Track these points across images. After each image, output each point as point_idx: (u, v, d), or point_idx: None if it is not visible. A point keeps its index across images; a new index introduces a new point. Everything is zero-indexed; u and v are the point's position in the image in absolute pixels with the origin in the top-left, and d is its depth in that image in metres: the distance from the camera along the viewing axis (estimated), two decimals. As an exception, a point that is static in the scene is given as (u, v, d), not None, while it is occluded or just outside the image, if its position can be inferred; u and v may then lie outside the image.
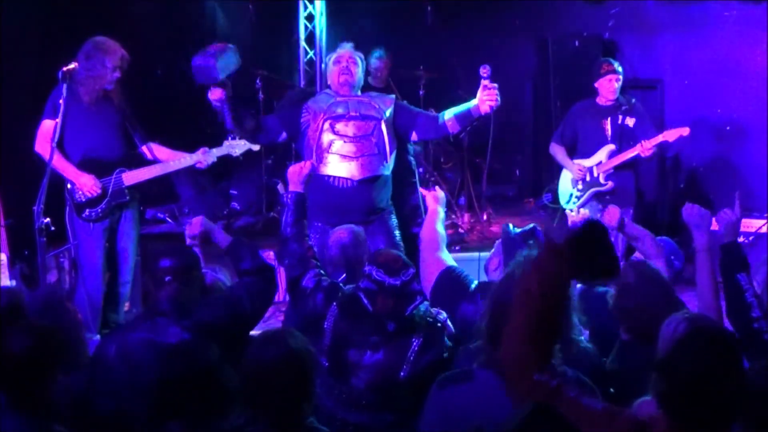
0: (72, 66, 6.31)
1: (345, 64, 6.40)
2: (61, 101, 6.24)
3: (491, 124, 6.33)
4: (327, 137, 6.27)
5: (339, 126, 6.28)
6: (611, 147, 7.78)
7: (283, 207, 5.00)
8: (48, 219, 5.81)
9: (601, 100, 7.88)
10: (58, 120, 6.30)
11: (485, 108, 6.13)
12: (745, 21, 9.77)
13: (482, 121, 6.35)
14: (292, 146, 9.42)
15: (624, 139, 7.77)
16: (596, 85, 7.88)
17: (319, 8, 10.78)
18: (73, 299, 6.33)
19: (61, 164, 6.55)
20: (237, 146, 6.94)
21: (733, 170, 9.65)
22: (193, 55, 6.10)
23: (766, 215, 7.99)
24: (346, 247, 5.31)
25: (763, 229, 7.59)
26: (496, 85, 6.11)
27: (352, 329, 4.32)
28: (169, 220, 9.85)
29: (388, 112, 6.40)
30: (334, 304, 4.41)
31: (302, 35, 10.85)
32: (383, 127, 6.33)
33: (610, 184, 7.77)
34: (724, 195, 7.74)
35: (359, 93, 6.51)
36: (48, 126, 6.46)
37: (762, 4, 9.58)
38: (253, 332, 4.62)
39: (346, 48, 6.48)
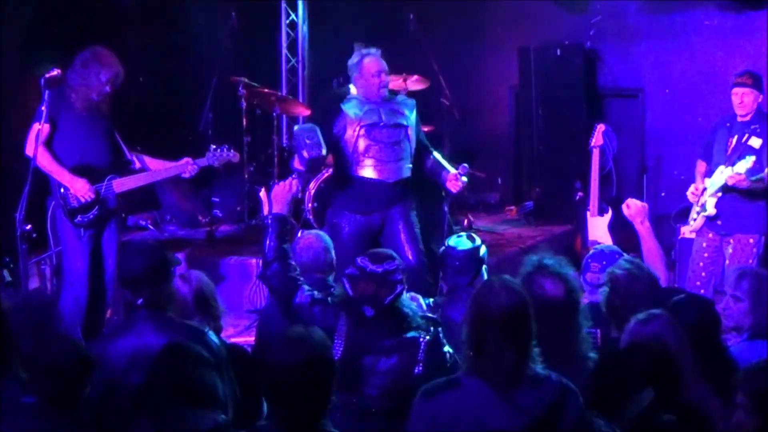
0: (54, 72, 6.31)
1: (386, 78, 6.88)
2: (43, 108, 6.24)
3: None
4: (363, 143, 6.80)
5: (374, 132, 6.79)
6: (722, 169, 7.07)
7: (264, 229, 4.99)
8: (30, 226, 5.79)
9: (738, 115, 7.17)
10: (40, 126, 6.31)
11: (453, 190, 6.82)
12: (725, 30, 9.84)
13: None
14: (274, 154, 9.48)
15: (740, 160, 6.99)
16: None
17: (302, 16, 10.80)
18: (57, 305, 6.32)
19: (55, 168, 6.55)
20: (218, 158, 7.04)
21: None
22: None
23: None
24: (318, 252, 5.46)
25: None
26: (465, 180, 6.74)
27: (365, 336, 4.40)
28: (151, 227, 9.83)
29: (412, 117, 6.94)
30: (342, 314, 4.47)
31: (284, 43, 10.86)
32: (410, 132, 6.90)
33: (713, 211, 7.12)
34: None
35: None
36: (36, 129, 6.46)
37: (742, 14, 9.67)
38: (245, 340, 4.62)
39: (377, 57, 6.85)
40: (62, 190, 6.62)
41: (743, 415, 3.44)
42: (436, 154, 7.03)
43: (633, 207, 5.44)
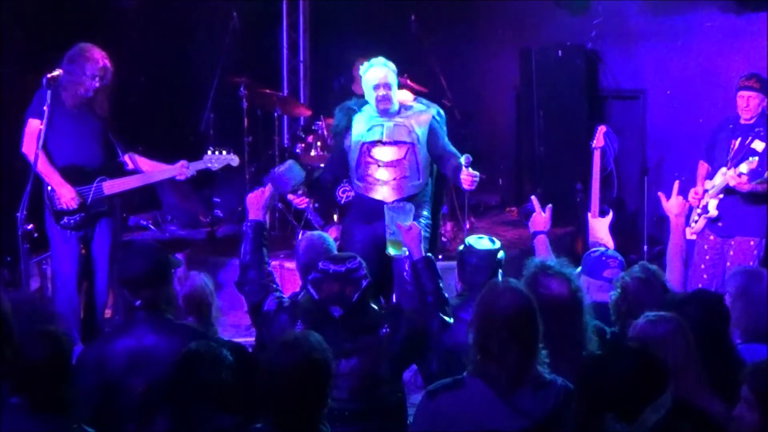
0: (56, 73, 6.33)
1: (384, 92, 6.59)
2: (45, 108, 6.24)
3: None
4: (363, 160, 6.66)
5: (375, 151, 6.66)
6: (723, 171, 7.05)
7: (241, 235, 4.98)
8: (31, 225, 5.79)
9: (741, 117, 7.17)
10: (42, 126, 6.30)
11: (466, 186, 6.34)
12: (726, 31, 9.83)
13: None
14: (275, 154, 9.49)
15: (743, 162, 6.93)
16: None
17: (303, 17, 10.80)
18: (55, 306, 6.32)
19: (46, 170, 6.54)
20: (216, 160, 7.03)
21: (714, 180, 9.67)
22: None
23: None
24: (320, 253, 5.38)
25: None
26: (476, 173, 6.26)
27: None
28: (152, 227, 9.83)
29: (422, 135, 6.67)
30: (299, 321, 4.42)
31: (285, 43, 10.87)
32: (416, 149, 6.65)
33: (715, 213, 7.14)
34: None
35: (397, 107, 6.68)
36: (34, 126, 6.46)
37: (743, 15, 9.67)
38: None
39: (380, 67, 6.62)
40: (49, 188, 6.61)
41: (745, 410, 3.44)
42: (462, 159, 6.58)
43: (674, 200, 5.41)
